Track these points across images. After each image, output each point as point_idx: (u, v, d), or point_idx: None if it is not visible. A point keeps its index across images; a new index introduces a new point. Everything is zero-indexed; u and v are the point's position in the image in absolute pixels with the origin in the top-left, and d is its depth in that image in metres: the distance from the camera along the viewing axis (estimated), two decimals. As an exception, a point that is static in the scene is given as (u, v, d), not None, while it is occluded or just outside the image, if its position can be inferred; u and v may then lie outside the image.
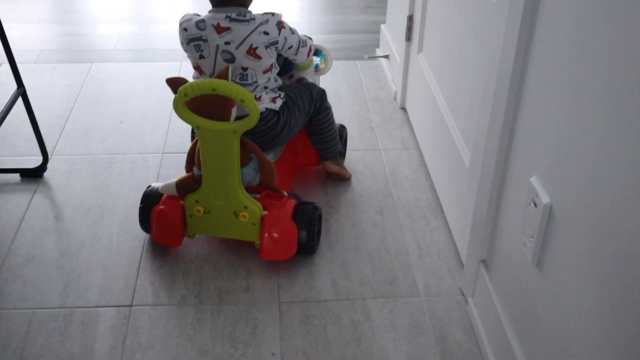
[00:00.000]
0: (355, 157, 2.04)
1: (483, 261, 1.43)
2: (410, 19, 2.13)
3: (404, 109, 2.29)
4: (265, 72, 1.57)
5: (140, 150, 2.08)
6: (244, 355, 1.41)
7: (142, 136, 2.14)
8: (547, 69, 1.07)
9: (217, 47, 1.53)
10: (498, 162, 1.30)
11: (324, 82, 2.43)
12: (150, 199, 1.64)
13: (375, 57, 2.61)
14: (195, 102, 1.44)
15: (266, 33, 1.53)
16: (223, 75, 1.43)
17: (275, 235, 1.56)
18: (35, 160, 1.98)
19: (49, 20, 3.09)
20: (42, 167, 1.95)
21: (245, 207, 1.55)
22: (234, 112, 1.49)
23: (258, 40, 1.52)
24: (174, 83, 1.45)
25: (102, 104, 2.33)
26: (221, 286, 1.58)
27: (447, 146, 1.73)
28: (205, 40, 1.53)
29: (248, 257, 1.66)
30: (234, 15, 1.51)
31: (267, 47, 1.54)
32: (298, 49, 1.63)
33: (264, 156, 1.56)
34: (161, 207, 1.61)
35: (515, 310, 1.25)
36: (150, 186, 1.68)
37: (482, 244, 1.41)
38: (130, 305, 1.52)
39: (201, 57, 1.56)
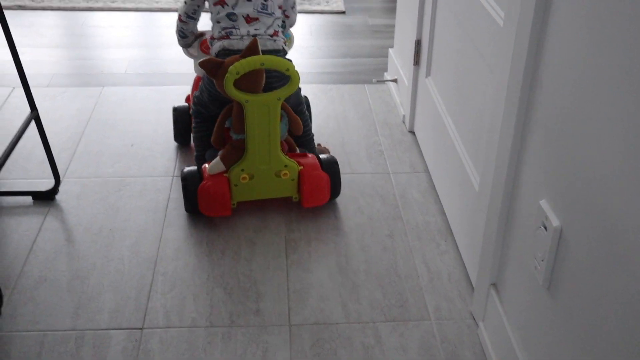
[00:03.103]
0: (364, 180, 2.05)
1: (493, 284, 1.43)
2: (418, 43, 2.15)
3: (412, 132, 2.31)
4: (279, 7, 1.88)
5: (150, 173, 2.09)
6: (255, 379, 1.41)
7: (153, 159, 2.16)
8: (554, 91, 1.08)
9: None
10: (507, 185, 1.31)
11: (332, 104, 2.45)
12: (190, 177, 1.80)
13: (384, 81, 2.64)
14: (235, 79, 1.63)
15: None
16: (254, 48, 1.63)
17: (314, 185, 1.81)
18: (47, 183, 1.99)
19: (61, 45, 3.13)
20: (54, 190, 1.96)
21: (286, 166, 1.78)
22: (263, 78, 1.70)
23: None
24: (208, 64, 1.66)
25: (112, 127, 2.35)
26: (232, 309, 1.58)
27: (456, 169, 1.74)
28: None
29: (258, 280, 1.66)
30: None
31: None
32: (293, 6, 1.99)
33: (291, 110, 1.79)
34: (208, 182, 1.77)
35: (526, 335, 1.25)
36: (184, 170, 1.82)
37: (492, 268, 1.41)
38: (142, 328, 1.53)
39: None
